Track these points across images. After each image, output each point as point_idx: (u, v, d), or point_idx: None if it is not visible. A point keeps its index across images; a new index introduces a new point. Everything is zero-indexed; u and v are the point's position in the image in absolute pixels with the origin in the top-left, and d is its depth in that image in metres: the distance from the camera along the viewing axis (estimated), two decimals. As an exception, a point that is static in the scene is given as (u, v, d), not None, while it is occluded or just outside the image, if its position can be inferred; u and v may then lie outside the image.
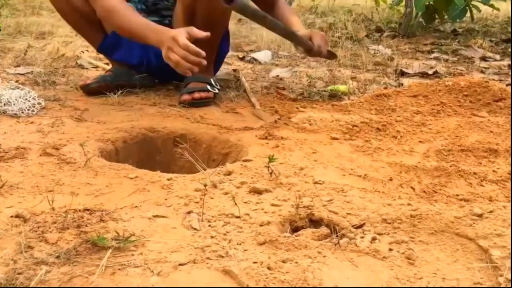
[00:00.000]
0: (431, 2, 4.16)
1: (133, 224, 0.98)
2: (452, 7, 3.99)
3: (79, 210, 1.02)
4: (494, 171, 1.30)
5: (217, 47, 2.14)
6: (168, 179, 1.22)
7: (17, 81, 2.13)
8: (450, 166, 1.31)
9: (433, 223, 1.00)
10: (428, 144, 1.53)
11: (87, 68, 2.59)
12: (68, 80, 2.26)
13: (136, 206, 1.07)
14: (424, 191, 1.18)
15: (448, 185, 1.22)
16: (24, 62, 2.53)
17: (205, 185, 1.09)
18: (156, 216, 1.02)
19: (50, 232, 0.93)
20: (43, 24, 3.54)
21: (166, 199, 1.11)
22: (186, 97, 1.94)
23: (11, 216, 0.98)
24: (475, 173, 1.27)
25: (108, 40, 2.11)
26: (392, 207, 1.07)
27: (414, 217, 1.01)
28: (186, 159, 1.40)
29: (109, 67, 2.32)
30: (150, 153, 1.62)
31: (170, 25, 2.11)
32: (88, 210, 1.03)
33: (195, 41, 1.99)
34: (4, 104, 1.72)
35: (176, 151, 1.60)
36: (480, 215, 1.01)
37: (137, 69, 2.16)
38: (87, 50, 2.87)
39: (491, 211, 1.02)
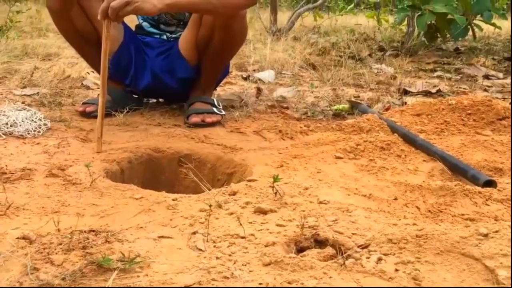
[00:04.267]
0: (433, 21, 4.19)
1: (139, 245, 0.98)
2: (454, 26, 4.03)
3: (85, 231, 1.03)
4: (499, 190, 1.30)
5: (223, 70, 2.17)
6: (173, 200, 1.23)
7: (23, 102, 2.16)
8: (455, 186, 1.31)
9: (439, 243, 0.99)
10: (433, 163, 1.53)
11: (92, 89, 2.61)
12: (73, 101, 2.28)
13: (141, 227, 1.07)
14: (430, 211, 1.18)
15: (453, 204, 1.22)
16: (30, 84, 2.56)
17: (210, 206, 1.09)
18: (162, 237, 1.02)
19: (56, 253, 0.93)
20: (49, 45, 3.59)
21: (171, 220, 1.11)
22: (195, 119, 1.95)
23: (17, 238, 0.98)
24: (480, 192, 1.27)
25: (112, 64, 2.07)
26: (398, 227, 1.06)
27: (420, 237, 1.01)
28: (191, 179, 1.41)
29: None
30: (155, 173, 1.62)
31: (168, 41, 2.14)
32: (93, 231, 1.03)
33: (203, 58, 2.02)
34: (11, 126, 1.73)
35: (181, 171, 1.61)
36: (485, 235, 1.01)
37: (139, 92, 2.18)
38: (93, 72, 2.90)
39: (496, 231, 1.02)
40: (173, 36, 2.14)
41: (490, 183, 1.33)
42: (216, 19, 1.90)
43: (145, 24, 2.20)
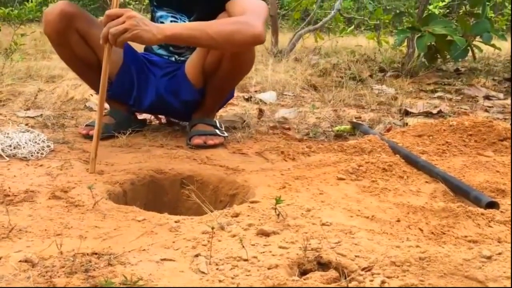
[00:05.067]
0: (432, 43, 4.23)
1: (141, 268, 0.98)
2: (453, 47, 4.06)
3: (87, 254, 1.02)
4: (501, 211, 1.30)
5: (227, 94, 2.20)
6: (175, 222, 1.23)
7: (27, 124, 2.17)
8: (458, 207, 1.31)
9: (442, 265, 0.99)
10: (435, 185, 1.53)
11: (95, 111, 2.63)
12: (77, 122, 2.30)
13: (144, 250, 1.07)
14: (433, 233, 1.18)
15: (456, 226, 1.21)
16: (34, 106, 2.58)
17: (212, 228, 1.09)
18: (164, 259, 1.02)
19: (58, 276, 0.93)
20: (53, 68, 3.63)
21: (173, 242, 1.11)
22: (197, 140, 1.96)
23: (20, 261, 0.98)
24: (482, 214, 1.27)
25: (114, 86, 2.08)
26: (401, 249, 1.06)
27: (423, 260, 1.01)
28: (193, 200, 1.41)
29: None
30: (157, 195, 1.63)
31: (175, 62, 2.15)
32: (96, 254, 1.03)
33: (209, 83, 2.03)
34: (14, 148, 1.74)
35: (183, 192, 1.62)
36: (489, 257, 1.00)
37: (143, 111, 2.19)
38: (96, 93, 2.92)
39: (500, 253, 1.02)
40: (181, 58, 2.14)
41: (493, 205, 1.32)
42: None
43: (155, 46, 2.22)
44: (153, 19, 2.17)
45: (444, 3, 7.09)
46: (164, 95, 2.09)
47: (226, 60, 1.93)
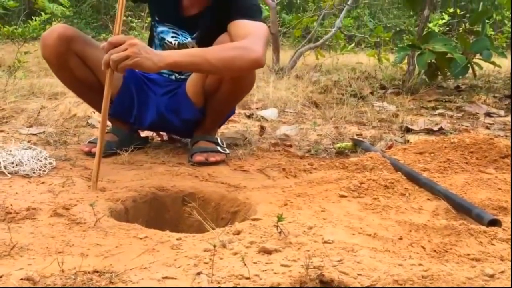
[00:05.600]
0: (433, 60, 4.25)
1: (143, 286, 0.97)
2: (454, 65, 4.08)
3: (89, 272, 1.02)
4: (504, 229, 1.29)
5: (228, 113, 2.21)
6: (177, 239, 1.22)
7: (29, 141, 2.18)
8: (460, 225, 1.30)
9: (445, 284, 0.98)
10: (437, 202, 1.53)
11: (97, 128, 2.64)
12: (79, 139, 2.31)
13: (145, 267, 1.07)
14: (435, 251, 1.17)
15: (459, 244, 1.21)
16: (36, 123, 2.59)
17: (214, 246, 1.09)
18: (166, 277, 1.02)
19: (60, 295, 0.92)
20: (55, 85, 3.64)
21: (175, 260, 1.11)
22: (199, 157, 1.97)
23: (21, 279, 0.98)
24: (485, 232, 1.26)
25: (115, 105, 2.08)
26: (403, 268, 1.06)
27: (426, 278, 1.00)
28: (195, 218, 1.41)
29: None
30: (159, 212, 1.62)
31: (176, 81, 2.16)
32: (97, 272, 1.03)
33: (210, 102, 2.04)
34: (16, 165, 1.75)
35: (185, 209, 1.61)
36: (491, 276, 1.00)
37: (144, 129, 2.20)
38: (98, 112, 2.94)
39: (502, 271, 1.01)
40: (182, 77, 2.15)
41: (495, 222, 1.32)
42: None
43: None
44: (152, 34, 2.19)
45: (443, 21, 7.16)
46: (165, 113, 2.10)
47: (226, 82, 1.94)
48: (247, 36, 1.78)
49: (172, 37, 2.09)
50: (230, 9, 1.90)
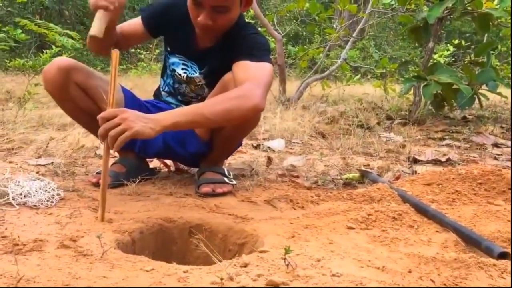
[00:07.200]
0: (439, 91, 4.27)
1: (149, 320, 0.97)
2: (460, 96, 4.09)
3: (95, 305, 1.01)
4: (515, 262, 1.28)
5: (235, 147, 2.22)
6: (184, 272, 1.21)
7: (37, 172, 2.19)
8: (469, 258, 1.29)
9: (456, 319, 0.97)
10: (446, 234, 1.51)
11: (105, 158, 2.66)
12: (87, 170, 2.32)
13: (152, 301, 1.06)
14: (445, 284, 1.16)
15: (469, 277, 1.19)
16: (45, 153, 2.61)
17: (221, 278, 1.08)
18: (172, 311, 1.01)
19: (66, 328, 0.92)
20: (64, 116, 3.66)
21: (182, 293, 1.10)
22: (206, 189, 1.97)
23: (27, 312, 0.98)
24: (495, 265, 1.25)
25: None
26: (413, 302, 1.04)
27: (436, 313, 0.99)
28: (202, 250, 1.40)
29: None
30: (166, 244, 1.62)
31: None
32: (104, 305, 1.02)
33: (216, 136, 2.05)
34: (24, 196, 1.76)
35: (191, 241, 1.61)
36: (504, 310, 0.98)
37: (151, 157, 2.21)
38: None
39: (515, 306, 0.99)
40: None
41: (505, 255, 1.30)
42: None
43: (163, 93, 2.25)
44: (165, 64, 2.22)
45: (449, 52, 7.22)
46: (171, 144, 2.10)
47: None
48: (247, 81, 1.76)
49: (182, 69, 2.12)
50: (234, 48, 1.91)
